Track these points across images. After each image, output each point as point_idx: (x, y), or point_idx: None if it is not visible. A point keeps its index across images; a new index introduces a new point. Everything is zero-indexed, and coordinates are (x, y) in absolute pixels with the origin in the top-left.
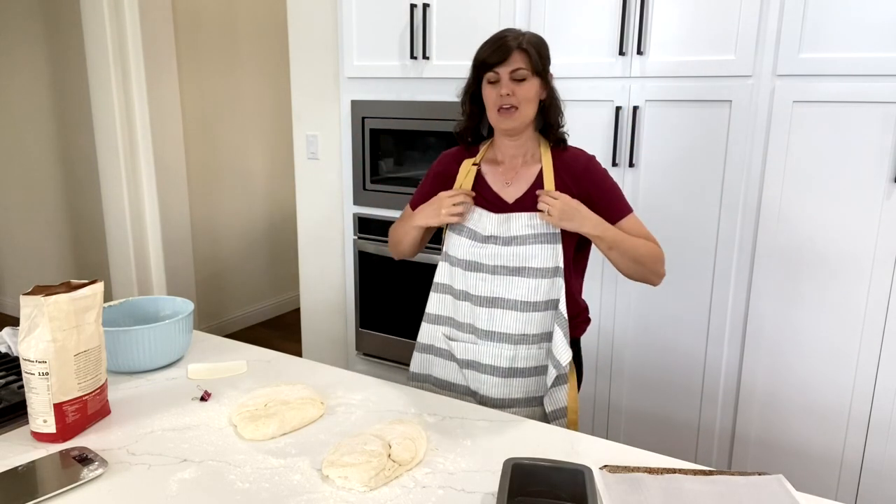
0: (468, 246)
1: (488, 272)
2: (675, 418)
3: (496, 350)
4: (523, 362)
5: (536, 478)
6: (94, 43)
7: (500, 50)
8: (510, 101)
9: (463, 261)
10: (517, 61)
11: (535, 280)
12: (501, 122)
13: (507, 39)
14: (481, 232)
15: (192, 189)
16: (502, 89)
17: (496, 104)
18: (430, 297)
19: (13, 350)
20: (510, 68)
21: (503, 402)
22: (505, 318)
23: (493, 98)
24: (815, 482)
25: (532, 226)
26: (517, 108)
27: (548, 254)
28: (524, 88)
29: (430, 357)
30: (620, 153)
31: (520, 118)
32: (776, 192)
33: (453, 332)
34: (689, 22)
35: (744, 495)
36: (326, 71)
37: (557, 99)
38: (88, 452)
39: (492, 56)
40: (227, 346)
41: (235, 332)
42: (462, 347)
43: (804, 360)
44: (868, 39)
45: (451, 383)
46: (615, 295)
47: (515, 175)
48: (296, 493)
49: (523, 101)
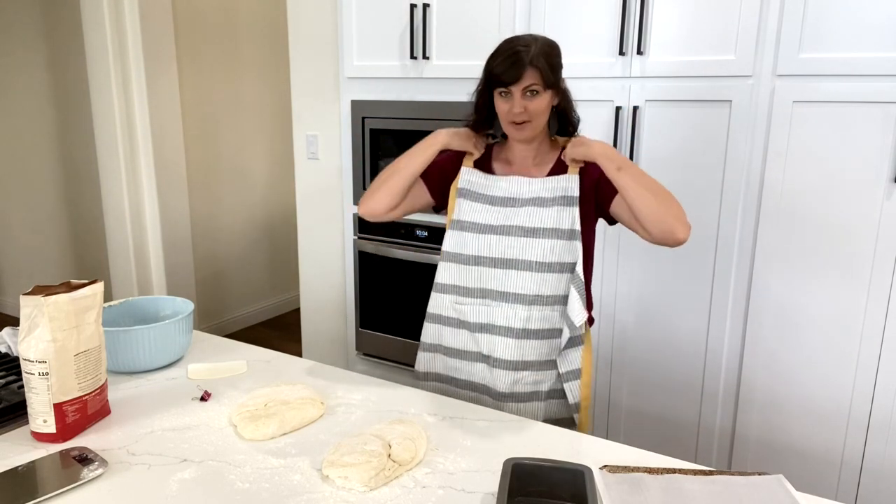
0: (482, 210)
1: (503, 233)
2: (675, 418)
3: (510, 311)
4: (537, 323)
5: (536, 478)
6: (94, 43)
7: (513, 68)
8: (522, 118)
9: (476, 224)
10: (529, 78)
11: (550, 241)
12: (514, 134)
13: (520, 55)
14: (496, 194)
15: (192, 189)
16: (515, 107)
17: (508, 119)
18: (439, 267)
19: (13, 350)
20: (522, 86)
21: (517, 364)
22: (519, 279)
23: (505, 111)
24: (815, 482)
25: (550, 188)
26: (530, 121)
27: (564, 215)
28: (536, 103)
29: (439, 327)
30: (620, 153)
31: (532, 129)
32: (776, 192)
33: (462, 298)
34: (689, 22)
35: (744, 495)
36: (326, 71)
37: (571, 101)
38: (88, 452)
39: (505, 74)
40: (227, 346)
41: (235, 332)
42: (475, 310)
43: (804, 360)
44: (868, 39)
45: (462, 351)
46: (615, 295)
47: (529, 171)
48: (296, 493)
49: (535, 114)
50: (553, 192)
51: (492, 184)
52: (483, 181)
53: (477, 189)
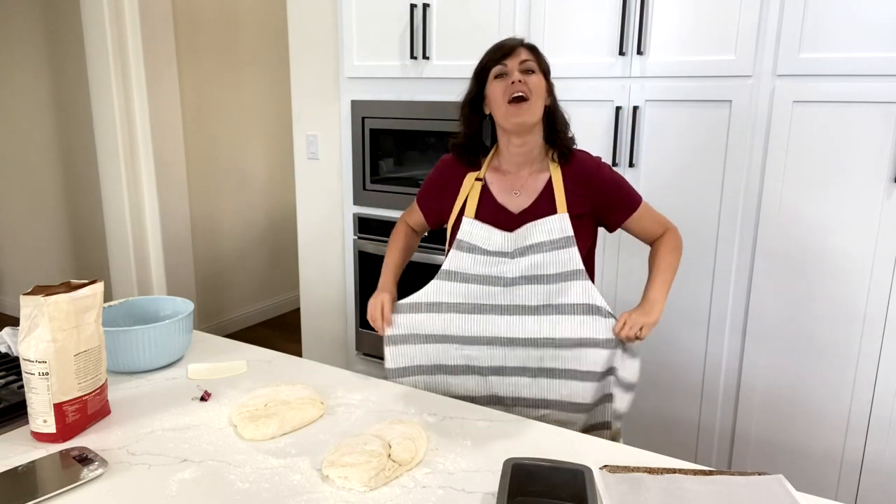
0: (481, 262)
1: (505, 284)
2: (675, 418)
3: (523, 353)
4: (551, 362)
5: (536, 478)
6: (94, 43)
7: (504, 46)
8: (521, 89)
9: (478, 276)
10: (524, 54)
11: (554, 286)
12: (513, 114)
13: (511, 39)
14: (490, 248)
15: (192, 189)
16: (513, 76)
17: (507, 94)
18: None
19: (13, 350)
20: (518, 59)
21: (536, 402)
22: (525, 325)
23: (501, 90)
24: (815, 482)
25: (546, 231)
26: (528, 99)
27: (563, 258)
28: (533, 80)
29: (444, 377)
30: (620, 153)
31: (531, 111)
32: (776, 191)
33: (468, 347)
34: (689, 22)
35: (744, 495)
36: (326, 71)
37: (562, 111)
38: (88, 452)
39: (495, 52)
40: (227, 346)
41: (235, 332)
42: (487, 355)
43: (804, 360)
44: (868, 39)
45: (473, 397)
46: (615, 295)
47: (523, 186)
48: (296, 493)
49: (534, 91)
50: (549, 234)
51: (490, 236)
52: (483, 232)
53: (472, 241)
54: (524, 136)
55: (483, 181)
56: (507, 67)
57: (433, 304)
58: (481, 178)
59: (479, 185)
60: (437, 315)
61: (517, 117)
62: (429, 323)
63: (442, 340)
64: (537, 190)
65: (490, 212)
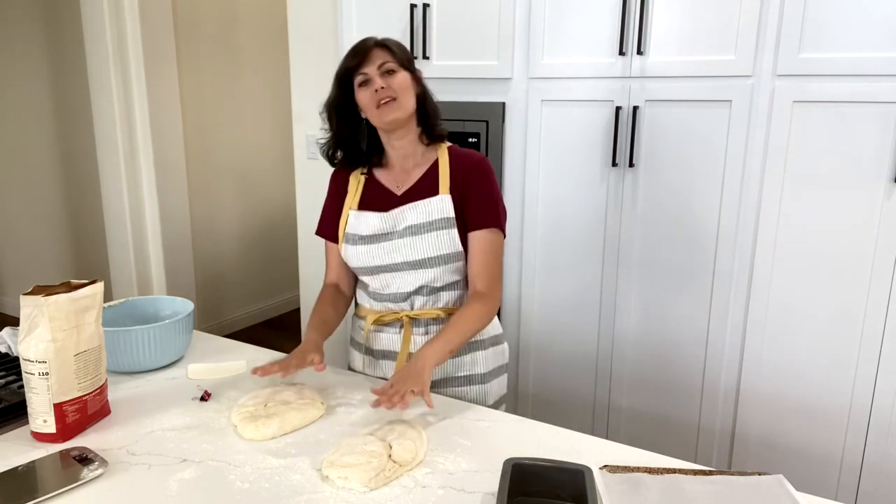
0: (363, 252)
1: (389, 271)
2: (675, 418)
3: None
4: None
5: (536, 478)
6: (94, 43)
7: (359, 52)
8: (387, 94)
9: (364, 268)
10: (380, 57)
11: (439, 268)
12: (384, 115)
13: (364, 41)
14: (365, 233)
15: (192, 189)
16: (376, 84)
17: (374, 101)
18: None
19: (13, 350)
20: (376, 64)
21: None
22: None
23: (368, 97)
24: (815, 482)
25: (426, 213)
26: (395, 98)
27: (443, 240)
28: (397, 79)
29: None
30: (620, 153)
31: (401, 107)
32: (776, 191)
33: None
34: (689, 22)
35: (744, 495)
36: (326, 71)
37: (431, 95)
38: (88, 452)
39: (352, 59)
40: (227, 346)
41: (235, 332)
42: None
43: (804, 360)
44: (868, 39)
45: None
46: (615, 295)
47: (407, 176)
48: (296, 493)
49: (400, 90)
50: (428, 216)
51: (366, 220)
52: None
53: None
54: (400, 131)
55: (367, 174)
56: (368, 75)
57: None
58: (365, 172)
59: (364, 178)
60: None
61: (389, 115)
62: None
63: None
64: (422, 171)
65: (372, 196)
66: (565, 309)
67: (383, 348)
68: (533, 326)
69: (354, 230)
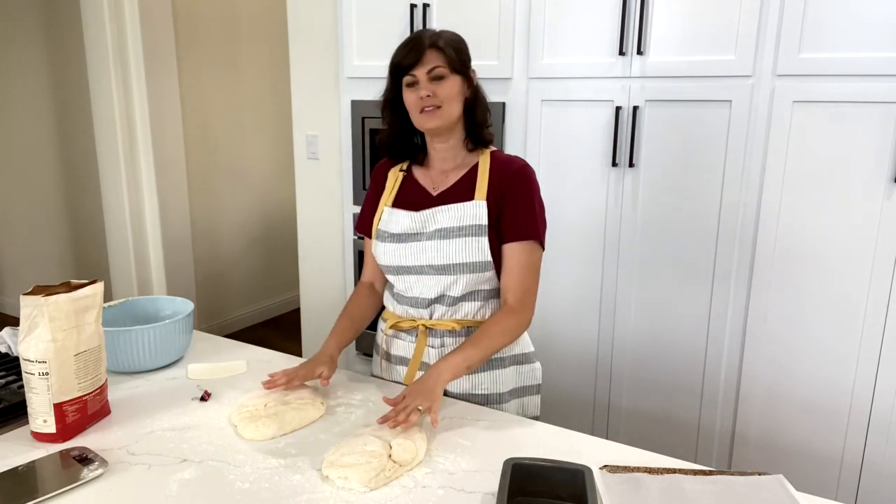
0: (391, 250)
1: (415, 273)
2: (675, 418)
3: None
4: None
5: (536, 478)
6: (94, 43)
7: (413, 51)
8: (432, 102)
9: (390, 266)
10: (432, 60)
11: (464, 276)
12: (425, 122)
13: (420, 39)
14: (395, 231)
15: (192, 189)
16: (421, 91)
17: (418, 107)
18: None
19: (13, 350)
20: (426, 68)
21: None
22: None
23: (413, 101)
24: (815, 482)
25: (457, 217)
26: (440, 107)
27: (471, 247)
28: (444, 87)
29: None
30: (620, 153)
31: (443, 116)
32: (776, 191)
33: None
34: (689, 22)
35: (744, 495)
36: (326, 71)
37: (484, 98)
38: (88, 452)
39: (406, 58)
40: (227, 346)
41: (235, 332)
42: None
43: (804, 360)
44: (868, 39)
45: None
46: (615, 295)
47: (445, 178)
48: (296, 493)
49: (446, 99)
50: (460, 221)
51: (398, 218)
52: (391, 217)
53: (380, 226)
54: (445, 135)
55: (406, 172)
56: (417, 77)
57: None
58: (405, 170)
59: (402, 175)
60: None
61: (430, 123)
62: None
63: None
64: (460, 174)
65: (407, 194)
66: (565, 309)
67: (399, 354)
68: (533, 326)
69: (386, 227)
